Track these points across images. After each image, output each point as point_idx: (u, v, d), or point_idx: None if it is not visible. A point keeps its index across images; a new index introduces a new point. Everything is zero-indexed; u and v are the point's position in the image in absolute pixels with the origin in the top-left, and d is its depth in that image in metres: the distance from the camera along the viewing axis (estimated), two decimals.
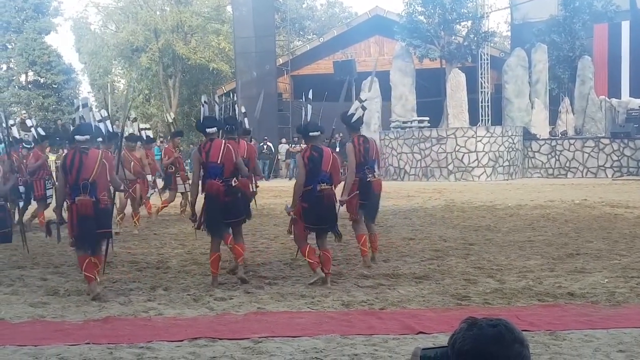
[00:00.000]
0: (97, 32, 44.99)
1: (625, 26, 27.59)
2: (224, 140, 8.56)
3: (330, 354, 5.40)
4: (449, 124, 26.08)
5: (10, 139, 11.73)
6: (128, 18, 42.01)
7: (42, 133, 13.34)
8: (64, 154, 8.97)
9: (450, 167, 24.62)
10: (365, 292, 7.49)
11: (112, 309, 6.94)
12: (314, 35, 43.42)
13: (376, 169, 9.19)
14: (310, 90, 10.05)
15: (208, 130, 8.43)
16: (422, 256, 9.59)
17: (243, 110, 13.92)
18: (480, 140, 24.28)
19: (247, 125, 12.61)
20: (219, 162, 8.15)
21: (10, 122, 12.91)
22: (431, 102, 29.46)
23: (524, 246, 10.24)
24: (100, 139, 10.72)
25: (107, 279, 8.42)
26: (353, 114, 9.21)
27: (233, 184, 8.28)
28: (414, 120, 26.86)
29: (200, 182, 8.35)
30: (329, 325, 6.18)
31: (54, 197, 9.79)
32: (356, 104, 9.60)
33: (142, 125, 14.76)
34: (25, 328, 6.33)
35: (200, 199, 8.31)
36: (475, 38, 28.42)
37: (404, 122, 26.82)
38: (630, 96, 26.64)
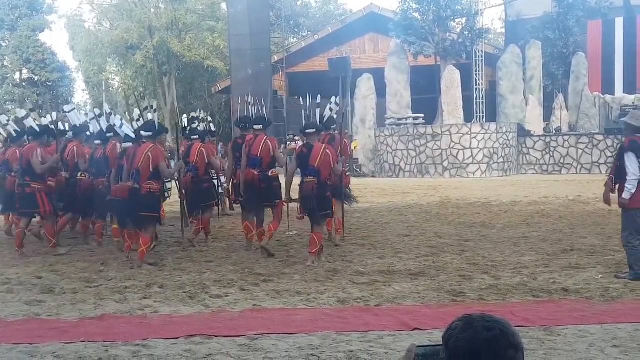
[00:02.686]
0: (91, 30, 44.84)
1: (619, 23, 27.63)
2: (265, 137, 9.94)
3: (326, 350, 5.41)
4: (443, 121, 26.09)
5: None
6: (122, 15, 41.88)
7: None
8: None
9: (445, 163, 24.66)
10: (360, 288, 7.50)
11: (108, 307, 6.94)
12: (309, 33, 43.33)
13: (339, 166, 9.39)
14: (308, 95, 10.92)
15: (256, 127, 10.03)
16: (417, 253, 9.61)
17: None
18: (475, 137, 24.32)
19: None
20: (258, 154, 9.72)
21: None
22: (426, 99, 29.47)
23: (519, 242, 10.28)
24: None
25: (102, 277, 8.43)
26: (324, 116, 10.48)
27: (270, 174, 9.79)
28: (409, 117, 26.87)
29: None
30: (324, 322, 6.19)
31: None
32: (328, 106, 10.90)
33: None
34: (21, 326, 6.33)
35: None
36: (470, 35, 28.43)
37: (399, 119, 26.83)
38: (623, 92, 26.69)
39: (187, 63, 41.08)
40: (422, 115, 27.11)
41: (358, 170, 26.41)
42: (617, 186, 7.85)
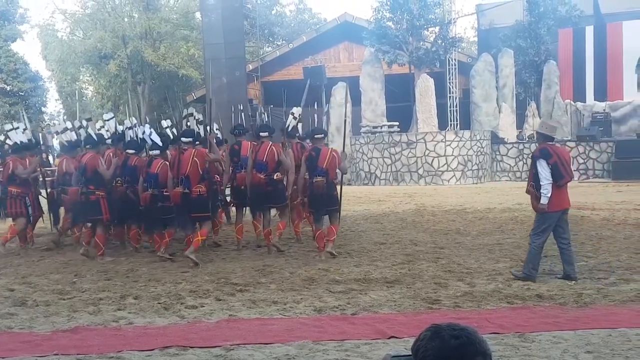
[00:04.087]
0: (64, 39, 44.44)
1: (589, 31, 27.99)
2: (270, 143, 10.67)
3: None
4: (418, 129, 26.22)
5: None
6: (96, 25, 41.58)
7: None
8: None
9: (420, 171, 24.77)
10: (336, 297, 7.50)
11: (81, 319, 6.87)
12: (284, 42, 43.35)
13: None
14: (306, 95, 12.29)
15: (262, 134, 10.79)
16: (393, 260, 9.63)
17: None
18: (449, 145, 24.47)
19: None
20: (264, 159, 10.52)
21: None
22: (401, 107, 29.61)
23: (493, 249, 10.35)
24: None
25: (76, 289, 8.34)
26: (288, 126, 11.64)
27: (275, 177, 10.58)
28: (384, 125, 26.97)
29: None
30: (301, 332, 6.18)
31: None
32: (291, 115, 11.97)
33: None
34: None
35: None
36: (443, 44, 28.65)
37: (374, 127, 26.92)
38: (594, 100, 27.02)
39: (162, 72, 40.88)
40: (397, 123, 27.22)
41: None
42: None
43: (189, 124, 11.33)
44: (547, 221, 8.08)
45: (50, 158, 15.21)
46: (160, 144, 10.58)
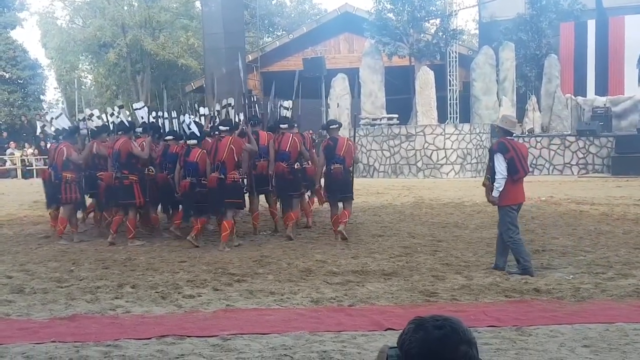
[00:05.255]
0: (63, 27, 44.30)
1: (591, 25, 27.92)
2: (291, 134, 11.33)
3: (299, 350, 5.40)
4: (417, 122, 26.18)
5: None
6: (95, 13, 41.44)
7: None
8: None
9: (419, 164, 24.76)
10: (334, 288, 7.50)
11: (79, 307, 6.87)
12: (284, 32, 43.24)
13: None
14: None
15: (281, 126, 11.51)
16: (391, 253, 9.64)
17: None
18: (448, 138, 24.45)
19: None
20: (287, 149, 11.24)
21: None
22: (400, 100, 29.54)
23: (492, 243, 10.29)
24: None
25: (74, 277, 8.34)
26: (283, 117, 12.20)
27: (295, 167, 11.33)
28: (383, 118, 26.93)
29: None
30: (297, 322, 6.18)
31: None
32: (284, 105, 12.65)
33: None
34: None
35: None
36: (444, 36, 28.55)
37: (373, 120, 26.87)
38: (595, 94, 26.98)
39: (161, 61, 40.77)
40: (396, 115, 27.17)
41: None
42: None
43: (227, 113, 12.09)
44: (509, 215, 8.25)
45: (49, 146, 15.20)
46: (198, 134, 10.87)
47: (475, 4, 32.15)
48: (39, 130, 13.65)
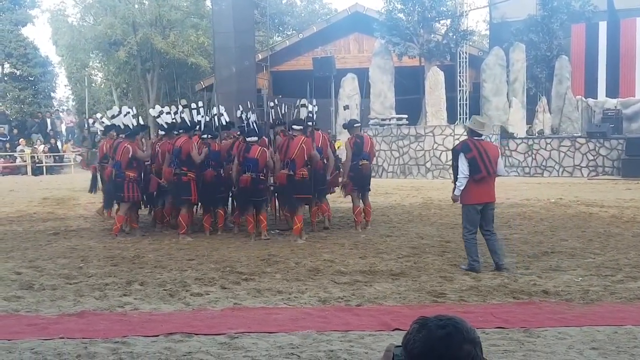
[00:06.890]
0: (74, 25, 44.39)
1: (603, 27, 27.80)
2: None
3: (307, 349, 5.40)
4: (427, 122, 26.13)
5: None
6: (106, 11, 41.52)
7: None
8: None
9: (428, 164, 24.72)
10: (341, 288, 7.50)
11: (87, 304, 6.89)
12: (294, 31, 43.24)
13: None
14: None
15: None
16: (399, 253, 9.63)
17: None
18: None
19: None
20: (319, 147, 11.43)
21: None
22: (410, 100, 29.49)
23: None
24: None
25: (82, 274, 8.37)
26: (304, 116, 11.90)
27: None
28: (393, 118, 26.90)
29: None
30: (305, 322, 6.18)
31: None
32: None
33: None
34: None
35: None
36: (454, 36, 28.48)
37: (382, 120, 26.84)
38: (606, 96, 26.86)
39: (171, 60, 40.82)
40: (405, 115, 27.12)
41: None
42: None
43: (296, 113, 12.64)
44: (468, 214, 8.44)
45: (59, 143, 15.31)
46: (257, 131, 11.29)
47: (486, 5, 32.09)
48: (49, 127, 13.81)
